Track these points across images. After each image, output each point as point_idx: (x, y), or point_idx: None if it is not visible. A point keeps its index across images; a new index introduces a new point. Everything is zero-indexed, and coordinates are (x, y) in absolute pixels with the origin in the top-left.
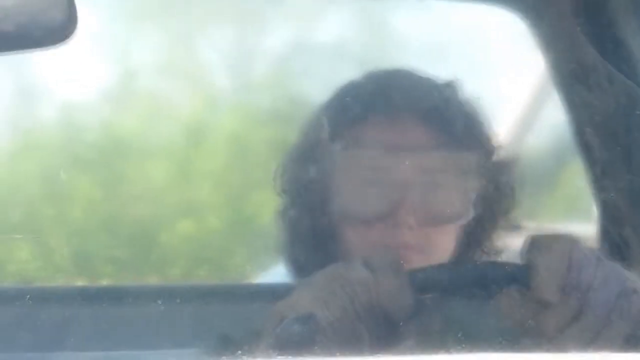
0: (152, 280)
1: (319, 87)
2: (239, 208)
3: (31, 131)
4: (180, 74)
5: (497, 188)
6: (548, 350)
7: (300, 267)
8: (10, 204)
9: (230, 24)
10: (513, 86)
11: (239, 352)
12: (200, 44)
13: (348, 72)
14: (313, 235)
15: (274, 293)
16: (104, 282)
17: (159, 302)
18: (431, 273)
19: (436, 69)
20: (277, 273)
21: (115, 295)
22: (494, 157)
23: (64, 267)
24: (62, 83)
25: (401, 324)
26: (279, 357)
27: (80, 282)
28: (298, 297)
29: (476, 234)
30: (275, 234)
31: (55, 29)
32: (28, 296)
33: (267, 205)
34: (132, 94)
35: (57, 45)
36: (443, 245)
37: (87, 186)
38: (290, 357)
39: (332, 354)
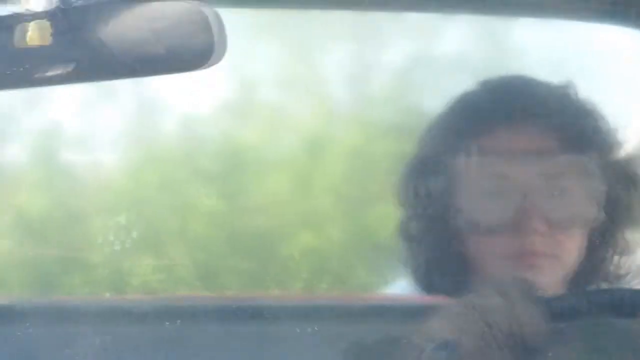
0: (274, 293)
1: (438, 99)
2: (359, 220)
3: (154, 144)
4: (301, 87)
5: (625, 188)
6: None
7: (424, 279)
8: (134, 216)
9: (349, 37)
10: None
11: None
12: (320, 58)
13: (467, 85)
14: (436, 246)
15: (399, 306)
16: (228, 294)
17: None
18: (567, 299)
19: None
20: (400, 286)
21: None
22: (618, 157)
23: (187, 280)
24: (184, 97)
25: (538, 350)
26: None
27: (203, 294)
28: (436, 325)
29: (606, 236)
30: (395, 246)
31: (205, 52)
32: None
33: (387, 218)
34: (253, 107)
35: (207, 68)
36: (572, 250)
37: (209, 198)
38: None
39: None
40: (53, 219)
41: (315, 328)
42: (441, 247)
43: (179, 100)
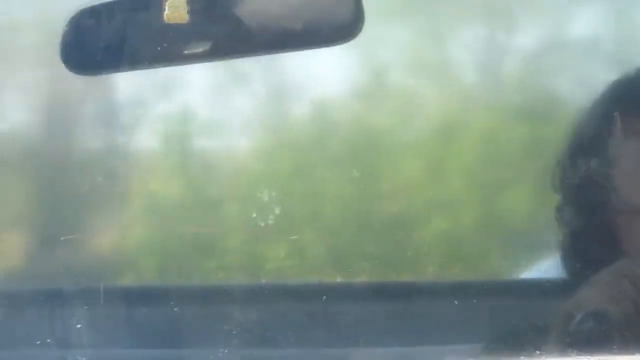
0: (406, 277)
1: (572, 84)
2: (492, 205)
3: (286, 129)
4: (432, 71)
5: None
6: None
7: (580, 263)
8: (266, 202)
9: (480, 21)
10: None
11: (537, 351)
12: (451, 41)
13: (601, 69)
14: (594, 230)
15: (545, 289)
16: (359, 279)
17: (430, 298)
18: None
19: None
20: (544, 269)
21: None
22: None
23: (319, 265)
24: (316, 81)
25: None
26: (577, 355)
27: (336, 280)
28: (586, 294)
29: None
30: (529, 231)
31: (343, 27)
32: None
33: (520, 202)
34: (384, 91)
35: (344, 42)
36: None
37: (341, 183)
38: (587, 355)
39: (628, 351)
40: (186, 204)
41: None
42: (599, 230)
43: (310, 84)
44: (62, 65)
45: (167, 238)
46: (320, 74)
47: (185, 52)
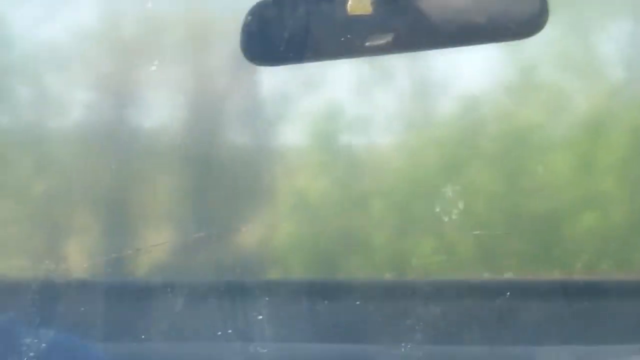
0: (555, 274)
1: None
2: None
3: (432, 126)
4: (579, 67)
5: None
6: None
7: None
8: (413, 197)
9: (628, 15)
10: None
11: None
12: (598, 36)
13: None
14: None
15: None
16: (507, 276)
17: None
18: None
19: None
20: None
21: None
22: None
23: (467, 261)
24: (462, 77)
25: None
26: None
27: (483, 276)
28: None
29: None
30: None
31: (528, 22)
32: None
33: None
34: (531, 86)
35: (528, 37)
36: None
37: (489, 179)
38: None
39: None
40: (333, 201)
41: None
42: None
43: (457, 80)
44: (209, 63)
45: (316, 234)
46: (467, 70)
47: (367, 44)
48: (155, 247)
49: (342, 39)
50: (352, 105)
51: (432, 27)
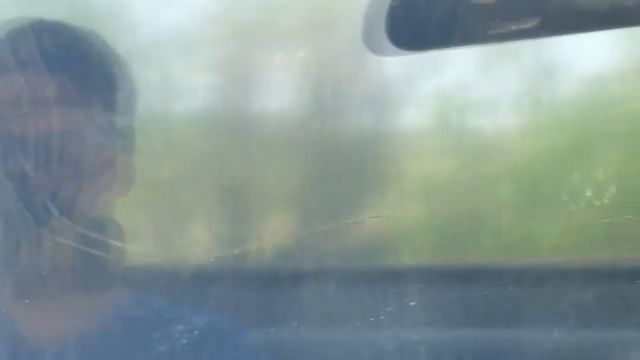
0: None
1: None
2: None
3: (557, 107)
4: None
5: None
6: None
7: None
8: (539, 179)
9: None
10: None
11: None
12: None
13: None
14: None
15: None
16: None
17: None
18: None
19: None
20: None
21: None
22: None
23: (598, 245)
24: (588, 57)
25: None
26: None
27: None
28: None
29: None
30: None
31: None
32: None
33: None
34: None
35: None
36: None
37: (618, 161)
38: None
39: None
40: (459, 183)
41: None
42: None
43: (584, 60)
44: (333, 47)
45: (443, 217)
46: (595, 49)
47: (514, 28)
48: (305, 232)
49: (491, 23)
50: (478, 87)
51: (579, 10)
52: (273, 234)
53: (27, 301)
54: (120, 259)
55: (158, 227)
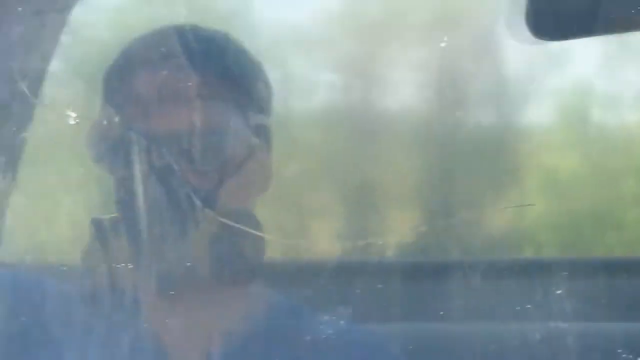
0: None
1: None
2: None
3: None
4: None
5: None
6: None
7: None
8: None
9: None
10: None
11: None
12: None
13: None
14: None
15: None
16: None
17: None
18: None
19: None
20: None
21: None
22: None
23: None
24: None
25: None
26: None
27: None
28: None
29: None
30: None
31: None
32: None
33: None
34: None
35: None
36: None
37: None
38: None
39: None
40: (583, 178)
41: None
42: None
43: None
44: (453, 42)
45: (567, 212)
46: None
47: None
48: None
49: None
50: (602, 82)
51: None
52: (411, 227)
53: (173, 294)
54: (263, 253)
55: (291, 222)
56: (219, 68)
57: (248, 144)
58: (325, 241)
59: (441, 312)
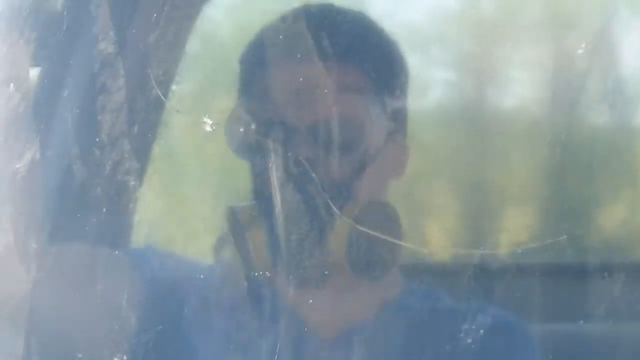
0: None
1: None
2: None
3: None
4: None
5: None
6: None
7: None
8: None
9: None
10: None
11: None
12: None
13: None
14: None
15: None
16: None
17: None
18: None
19: None
20: None
21: None
22: None
23: None
24: None
25: None
26: None
27: None
28: None
29: None
30: None
31: None
32: None
33: None
34: None
35: None
36: None
37: None
38: None
39: None
40: None
41: None
42: None
43: None
44: (569, 41)
45: None
46: None
47: None
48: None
49: None
50: None
51: None
52: (526, 226)
53: (311, 290)
54: (400, 248)
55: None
56: (358, 52)
57: (387, 131)
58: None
59: (567, 313)
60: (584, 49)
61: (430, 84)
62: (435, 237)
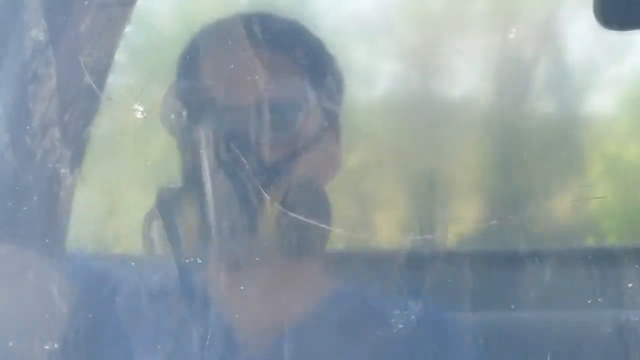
0: None
1: None
2: None
3: None
4: None
5: None
6: None
7: None
8: None
9: None
10: None
11: None
12: None
13: None
14: None
15: None
16: None
17: None
18: None
19: None
20: None
21: None
22: None
23: None
24: None
25: None
26: None
27: None
28: None
29: None
30: None
31: None
32: None
33: None
34: None
35: None
36: None
37: None
38: None
39: None
40: None
41: None
42: None
43: None
44: (513, 32)
45: (628, 202)
46: None
47: None
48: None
49: None
50: None
51: None
52: (479, 217)
53: (242, 275)
54: (330, 241)
55: (356, 212)
56: (289, 39)
57: (320, 121)
58: (389, 232)
59: (508, 303)
60: (517, 35)
61: (376, 75)
62: (378, 226)
